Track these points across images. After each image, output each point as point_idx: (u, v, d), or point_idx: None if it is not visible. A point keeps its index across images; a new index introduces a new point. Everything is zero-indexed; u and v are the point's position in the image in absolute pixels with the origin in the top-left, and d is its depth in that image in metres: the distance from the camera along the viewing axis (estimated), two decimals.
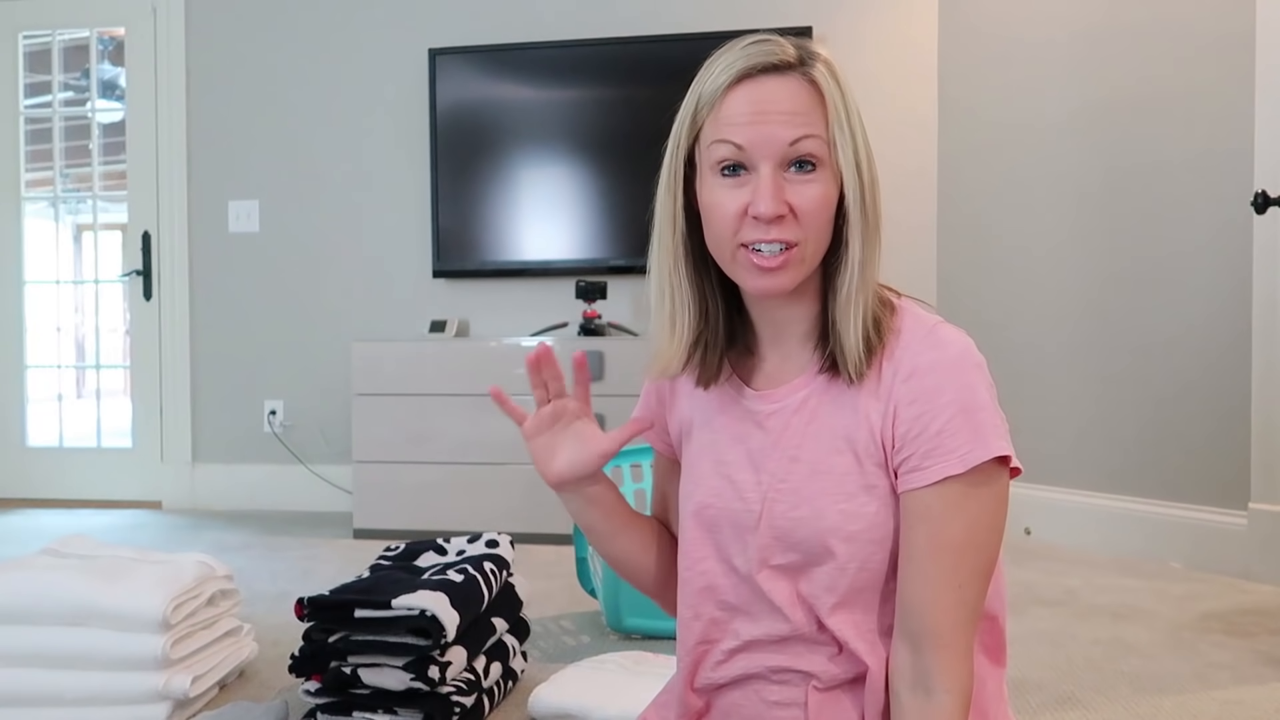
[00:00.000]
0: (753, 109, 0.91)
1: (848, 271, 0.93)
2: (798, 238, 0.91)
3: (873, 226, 0.93)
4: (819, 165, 0.91)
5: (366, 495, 3.50)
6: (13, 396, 4.28)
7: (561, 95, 3.78)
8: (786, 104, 0.91)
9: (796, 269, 0.92)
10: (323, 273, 4.05)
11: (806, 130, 0.90)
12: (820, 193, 0.91)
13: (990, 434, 0.90)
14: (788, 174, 0.91)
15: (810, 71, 0.92)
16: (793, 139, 0.90)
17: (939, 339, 0.93)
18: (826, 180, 0.92)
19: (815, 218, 0.91)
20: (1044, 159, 3.32)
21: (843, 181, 0.92)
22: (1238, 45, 2.79)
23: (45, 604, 1.74)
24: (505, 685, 1.92)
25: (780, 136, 0.90)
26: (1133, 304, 3.08)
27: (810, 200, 0.91)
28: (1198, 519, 2.90)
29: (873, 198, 0.93)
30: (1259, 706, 1.86)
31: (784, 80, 0.92)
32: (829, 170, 0.92)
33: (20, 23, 4.25)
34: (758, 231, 0.91)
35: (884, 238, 0.95)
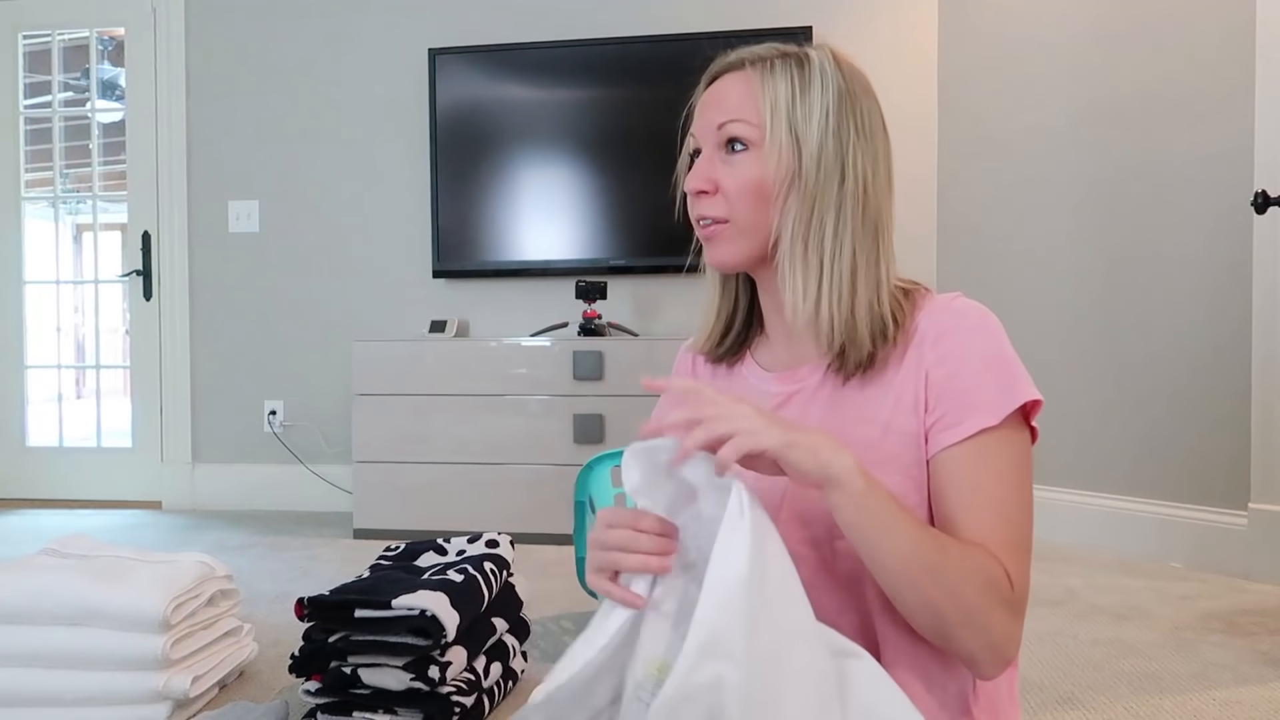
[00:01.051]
0: (703, 103, 1.03)
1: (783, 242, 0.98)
2: (725, 214, 1.00)
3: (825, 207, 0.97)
4: (750, 146, 0.98)
5: (366, 495, 3.50)
6: (13, 396, 4.28)
7: (561, 95, 3.78)
8: (724, 96, 1.01)
9: (731, 244, 1.01)
10: (323, 273, 4.05)
11: (733, 115, 0.99)
12: (744, 172, 0.98)
13: (1018, 382, 0.94)
14: (724, 154, 1.00)
15: (755, 66, 1.00)
16: (719, 123, 1.00)
17: (959, 308, 0.98)
18: (755, 162, 0.98)
19: (739, 194, 0.99)
20: (1044, 160, 3.32)
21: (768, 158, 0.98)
22: (1238, 45, 2.79)
23: (45, 604, 1.74)
24: (505, 685, 1.92)
25: (712, 120, 1.00)
26: (1132, 304, 3.08)
27: (733, 179, 0.99)
28: (1198, 519, 2.90)
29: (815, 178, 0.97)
30: (1259, 706, 1.86)
31: (731, 78, 1.02)
32: (761, 151, 0.98)
33: (20, 23, 4.25)
34: (695, 206, 1.02)
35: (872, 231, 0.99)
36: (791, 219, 0.98)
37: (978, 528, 0.92)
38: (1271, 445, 2.72)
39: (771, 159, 0.97)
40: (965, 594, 0.87)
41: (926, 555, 0.86)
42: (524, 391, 3.43)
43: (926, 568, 0.86)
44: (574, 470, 3.11)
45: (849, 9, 3.74)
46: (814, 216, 0.97)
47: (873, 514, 0.85)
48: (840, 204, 0.97)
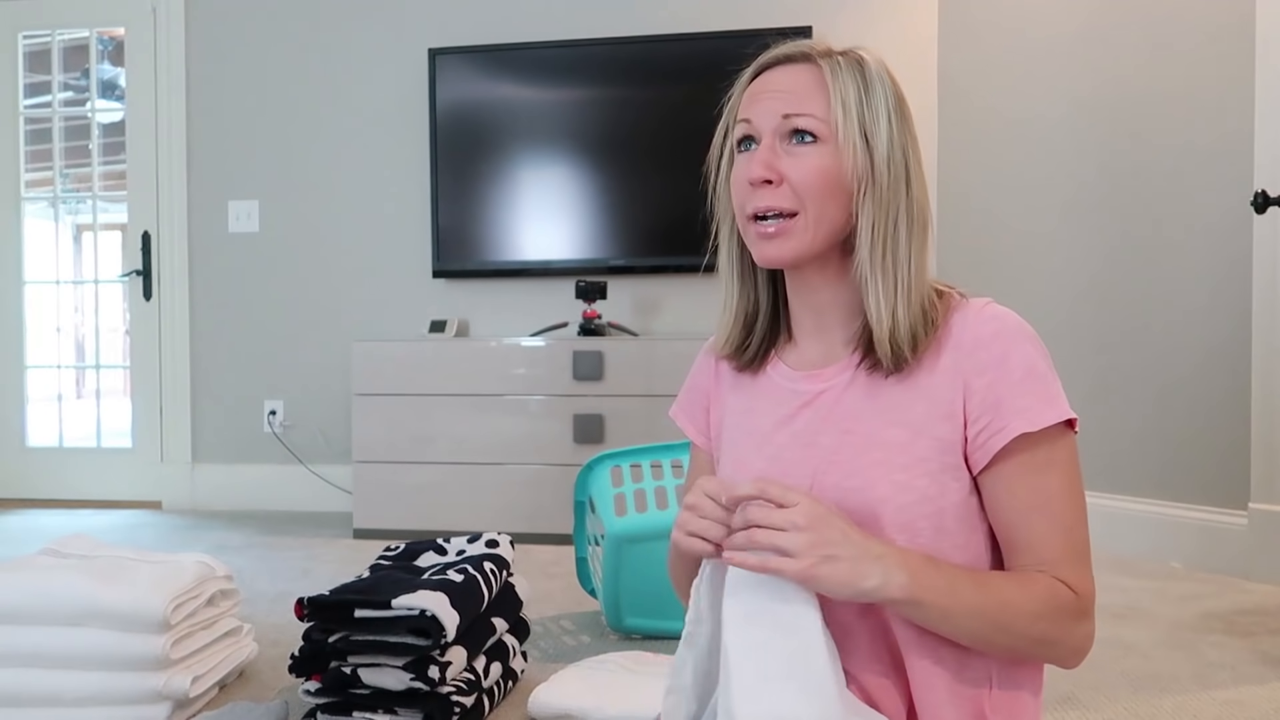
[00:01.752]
0: (760, 89, 1.00)
1: (863, 248, 0.97)
2: (794, 206, 0.97)
3: (894, 213, 0.97)
4: (818, 139, 0.96)
5: (366, 495, 3.50)
6: (13, 396, 4.28)
7: (561, 95, 3.78)
8: (786, 84, 0.98)
9: (797, 239, 0.97)
10: (323, 273, 4.05)
11: (801, 108, 0.97)
12: (815, 164, 0.96)
13: (1058, 398, 0.96)
14: (787, 145, 0.97)
15: (819, 60, 0.98)
16: (785, 112, 0.97)
17: (993, 314, 0.98)
18: (826, 154, 0.96)
19: (809, 186, 0.96)
20: (1043, 158, 3.32)
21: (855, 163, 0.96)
22: (1238, 44, 2.79)
23: (45, 604, 1.74)
24: (505, 685, 1.92)
25: (775, 109, 0.97)
26: (1132, 303, 3.08)
27: (803, 170, 0.96)
28: (1198, 519, 2.90)
29: (887, 183, 0.97)
30: (1259, 706, 1.86)
31: (790, 67, 0.99)
32: (831, 146, 0.96)
33: (20, 23, 4.25)
34: (755, 198, 0.98)
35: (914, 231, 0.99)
36: (870, 222, 0.97)
37: (1037, 546, 0.95)
38: (1271, 445, 2.72)
39: (845, 156, 0.96)
40: (1034, 631, 0.93)
41: (990, 617, 0.91)
42: (524, 391, 3.43)
43: (993, 628, 0.92)
44: (574, 470, 3.12)
45: (849, 9, 3.74)
46: (888, 222, 0.97)
47: (928, 616, 0.90)
48: (909, 210, 0.98)
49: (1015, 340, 0.96)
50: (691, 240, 3.96)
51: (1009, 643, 0.93)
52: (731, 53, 4.26)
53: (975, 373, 0.95)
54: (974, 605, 0.91)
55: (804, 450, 1.00)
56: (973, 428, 0.95)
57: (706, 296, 3.73)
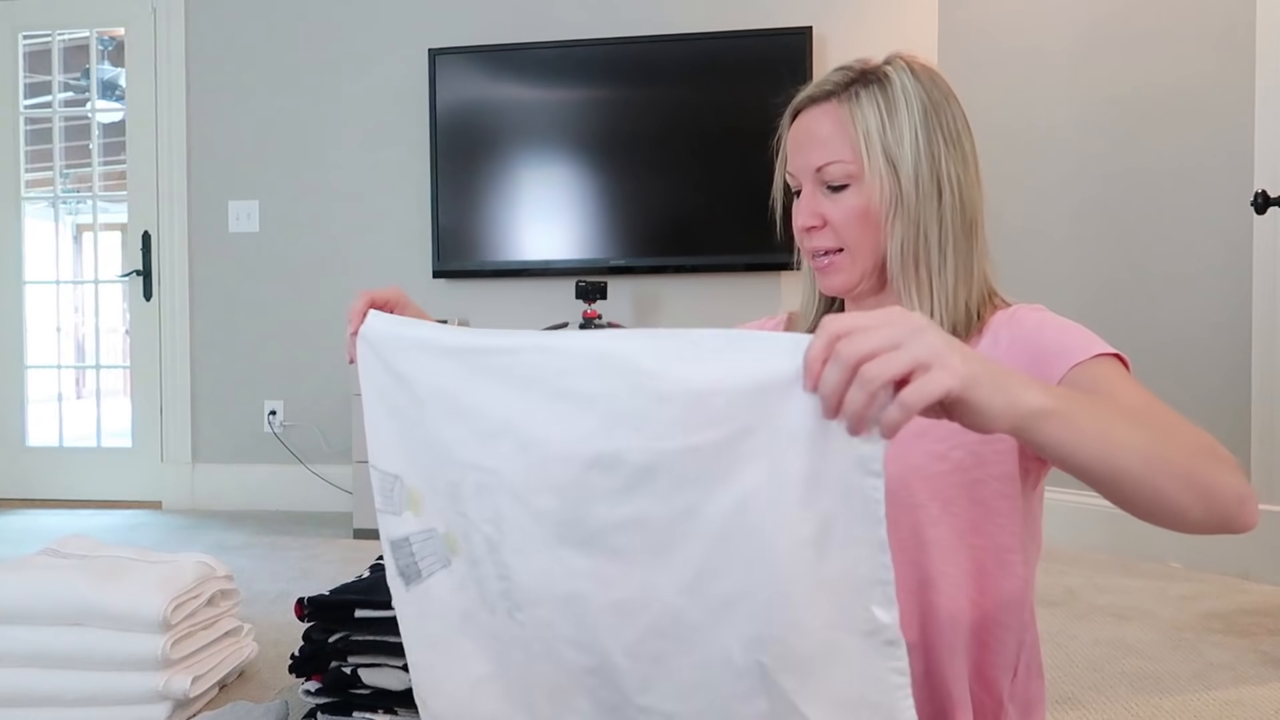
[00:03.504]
0: (795, 141, 1.07)
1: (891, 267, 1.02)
2: (838, 244, 1.05)
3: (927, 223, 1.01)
4: (852, 182, 1.02)
5: (366, 495, 3.49)
6: (13, 396, 4.28)
7: (561, 95, 3.78)
8: (816, 133, 1.04)
9: (847, 271, 1.05)
10: (323, 273, 4.05)
11: (828, 158, 1.03)
12: (850, 205, 1.03)
13: (1100, 341, 0.95)
14: (825, 191, 1.04)
15: (843, 96, 1.03)
16: (818, 165, 1.04)
17: (1029, 310, 1.03)
18: (860, 193, 1.02)
19: (848, 227, 1.03)
20: (1043, 160, 3.32)
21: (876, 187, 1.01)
22: (1238, 46, 2.79)
23: (45, 604, 1.74)
24: None
25: (809, 162, 1.04)
26: (1132, 304, 3.08)
27: (839, 212, 1.03)
28: None
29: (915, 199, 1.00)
30: (1259, 706, 1.86)
31: (820, 110, 1.04)
32: (861, 184, 1.02)
33: (20, 23, 4.25)
34: (807, 240, 1.07)
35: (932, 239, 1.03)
36: (898, 241, 1.02)
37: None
38: (1271, 445, 2.72)
39: (874, 189, 1.01)
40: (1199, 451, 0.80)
41: (1153, 434, 0.78)
42: None
43: (1161, 448, 0.77)
44: None
45: (849, 9, 3.73)
46: (918, 235, 1.02)
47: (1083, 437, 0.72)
48: (941, 218, 1.02)
49: (1047, 318, 1.00)
50: (691, 240, 3.99)
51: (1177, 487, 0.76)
52: (731, 53, 4.22)
53: (1014, 340, 0.98)
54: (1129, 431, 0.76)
55: None
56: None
57: (706, 296, 3.73)
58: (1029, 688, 1.01)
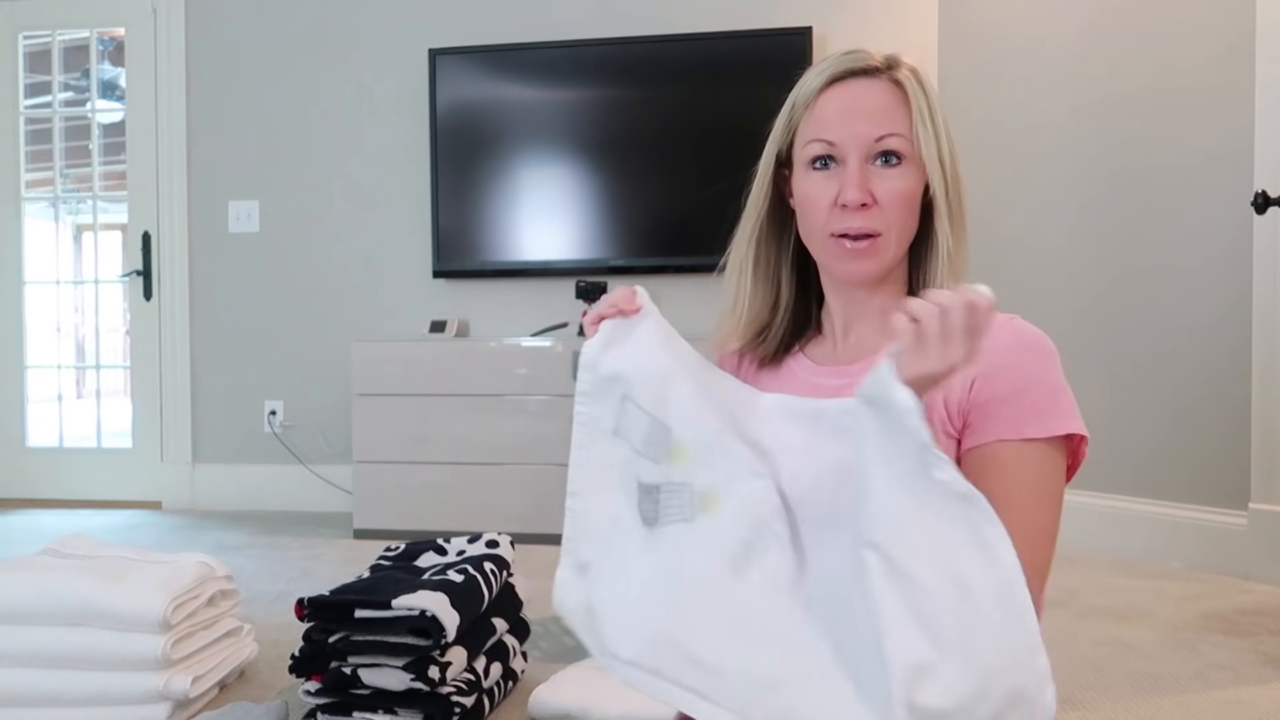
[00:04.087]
0: (843, 107, 1.00)
1: (938, 259, 1.00)
2: (881, 227, 0.99)
3: (958, 221, 1.00)
4: (903, 159, 0.99)
5: (366, 495, 3.50)
6: (13, 396, 4.28)
7: (561, 95, 3.78)
8: (874, 102, 0.99)
9: (881, 256, 1.00)
10: (323, 273, 4.05)
11: (891, 128, 0.99)
12: (903, 185, 0.99)
13: (1061, 413, 0.94)
14: (873, 167, 0.99)
15: (896, 74, 1.01)
16: (878, 135, 0.98)
17: (1016, 327, 0.99)
18: (910, 174, 0.99)
19: (897, 208, 0.99)
20: (1043, 160, 3.32)
21: (928, 175, 0.99)
22: (1238, 45, 2.79)
23: (45, 604, 1.74)
24: (505, 685, 1.92)
25: (867, 132, 0.99)
26: (1133, 304, 3.08)
27: (893, 191, 0.98)
28: (1198, 519, 2.90)
29: (956, 194, 1.00)
30: (1259, 706, 1.86)
31: (872, 82, 1.01)
32: (914, 165, 0.99)
33: (20, 23, 4.25)
34: (845, 220, 0.99)
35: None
36: (945, 238, 1.00)
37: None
38: (1271, 445, 2.72)
39: (930, 174, 0.99)
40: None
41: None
42: (524, 391, 3.43)
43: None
44: None
45: (849, 9, 3.73)
46: (955, 230, 1.00)
47: None
48: (963, 216, 1.01)
49: (1030, 352, 0.97)
50: (691, 240, 3.99)
51: None
52: (731, 53, 4.22)
53: (984, 374, 0.95)
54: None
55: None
56: (968, 417, 0.96)
57: (707, 296, 3.72)
58: None
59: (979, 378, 0.96)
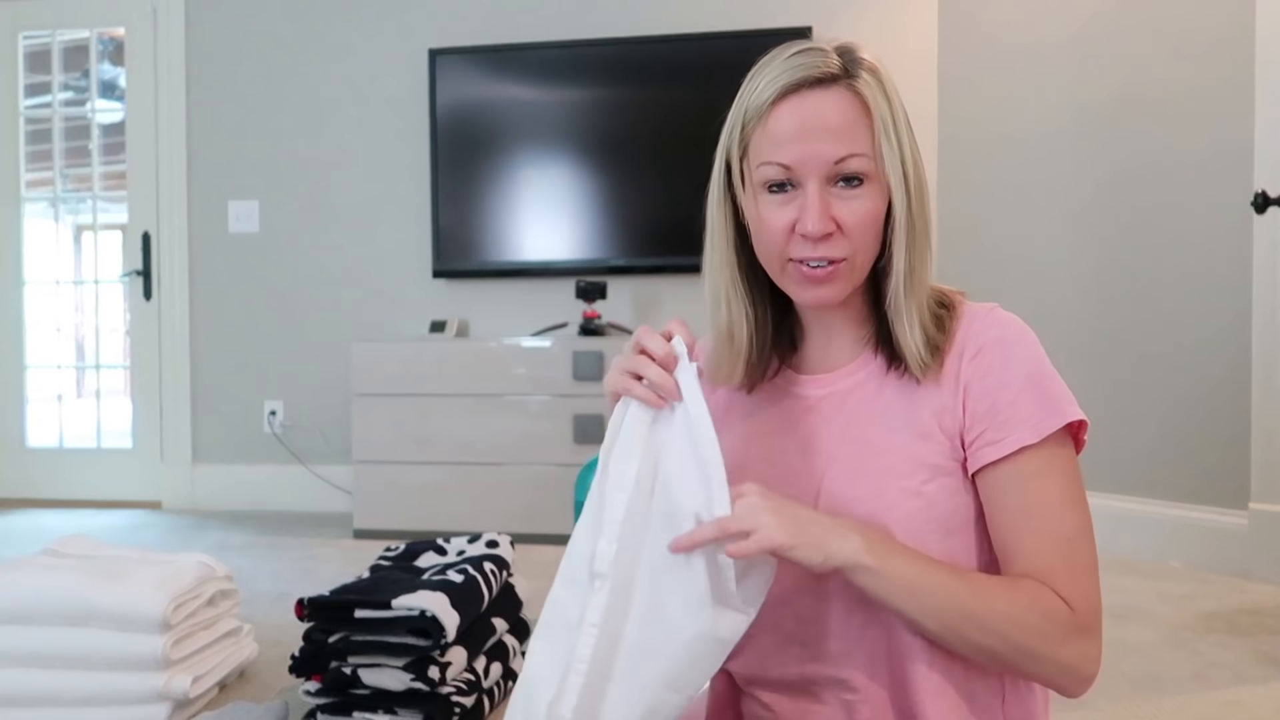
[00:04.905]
0: (799, 126, 0.91)
1: (894, 279, 0.94)
2: (845, 253, 0.92)
3: (920, 233, 0.94)
4: (866, 180, 0.92)
5: (366, 495, 3.50)
6: (13, 396, 4.28)
7: (561, 96, 3.78)
8: (833, 120, 0.91)
9: (844, 280, 0.94)
10: (323, 273, 4.05)
11: (852, 149, 0.90)
12: (867, 207, 0.92)
13: (1061, 401, 0.93)
14: (834, 189, 0.92)
15: (855, 83, 0.92)
16: (838, 157, 0.90)
17: (997, 319, 0.96)
18: (873, 194, 0.92)
19: (862, 232, 0.92)
20: (1043, 160, 3.32)
21: (892, 193, 0.93)
22: (1238, 45, 2.79)
23: (45, 604, 1.74)
24: (505, 685, 1.92)
25: (826, 155, 0.90)
26: (1133, 304, 3.08)
27: (857, 215, 0.91)
28: (1198, 519, 2.90)
29: (920, 205, 0.94)
30: (1259, 706, 1.86)
31: (828, 94, 0.91)
32: (876, 183, 0.92)
33: (20, 23, 4.25)
34: (805, 248, 0.92)
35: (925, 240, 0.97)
36: (903, 251, 0.93)
37: (1035, 555, 0.91)
38: (1271, 445, 2.72)
39: (893, 191, 0.92)
40: (1016, 634, 0.88)
41: (964, 607, 0.88)
42: (524, 391, 3.43)
43: (967, 619, 0.88)
44: (574, 470, 3.11)
45: (849, 9, 3.73)
46: (917, 244, 0.94)
47: (892, 589, 0.88)
48: (927, 224, 0.95)
49: (1016, 345, 0.94)
50: (691, 240, 3.95)
51: (991, 645, 0.88)
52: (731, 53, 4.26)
53: (975, 378, 0.94)
54: (946, 592, 0.88)
55: (808, 459, 0.99)
56: (970, 434, 0.93)
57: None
58: (1025, 703, 0.98)
59: (972, 384, 0.93)
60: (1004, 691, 0.96)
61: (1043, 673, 0.91)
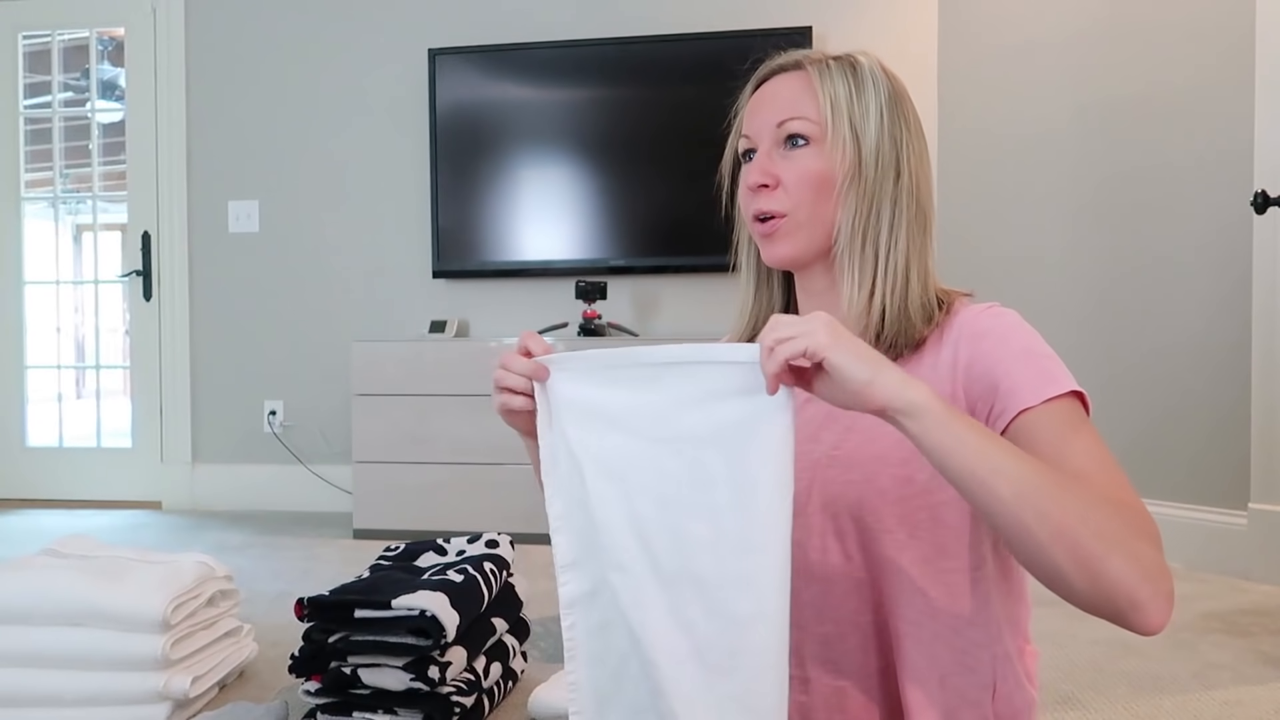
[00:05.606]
0: (757, 102, 1.05)
1: (842, 235, 1.00)
2: (785, 208, 1.00)
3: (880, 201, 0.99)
4: (811, 141, 1.00)
5: (366, 495, 3.50)
6: (13, 396, 4.28)
7: (561, 95, 3.78)
8: (783, 93, 1.03)
9: (790, 238, 1.01)
10: (323, 273, 4.05)
11: (792, 113, 1.00)
12: (806, 166, 1.00)
13: (1058, 374, 0.92)
14: (781, 150, 1.01)
15: (808, 66, 1.02)
16: (779, 120, 1.01)
17: (995, 312, 1.00)
18: (818, 156, 1.00)
19: (799, 187, 1.00)
20: (1043, 161, 3.32)
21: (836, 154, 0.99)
22: (1238, 45, 2.79)
23: (45, 604, 1.74)
24: (505, 685, 1.92)
25: (770, 119, 1.02)
26: (1133, 304, 3.08)
27: (794, 171, 1.00)
28: (1198, 519, 2.90)
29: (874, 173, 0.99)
30: (1259, 706, 1.86)
31: (784, 77, 1.04)
32: (821, 147, 1.00)
33: (20, 23, 4.25)
34: (754, 201, 1.02)
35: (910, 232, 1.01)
36: (851, 213, 0.99)
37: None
38: (1271, 445, 2.72)
39: (836, 154, 0.99)
40: (1098, 518, 0.79)
41: (1043, 476, 0.79)
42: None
43: (1047, 490, 0.78)
44: None
45: (849, 9, 3.74)
46: (872, 211, 0.99)
47: (962, 437, 0.79)
48: (896, 199, 1.00)
49: (1012, 329, 0.97)
50: (691, 240, 3.98)
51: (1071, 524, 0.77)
52: (731, 53, 4.24)
53: (973, 360, 0.95)
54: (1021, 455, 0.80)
55: (805, 445, 1.00)
56: (978, 415, 0.93)
57: (706, 296, 3.73)
58: (1013, 701, 0.99)
59: (974, 365, 0.94)
60: (994, 685, 0.98)
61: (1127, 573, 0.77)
